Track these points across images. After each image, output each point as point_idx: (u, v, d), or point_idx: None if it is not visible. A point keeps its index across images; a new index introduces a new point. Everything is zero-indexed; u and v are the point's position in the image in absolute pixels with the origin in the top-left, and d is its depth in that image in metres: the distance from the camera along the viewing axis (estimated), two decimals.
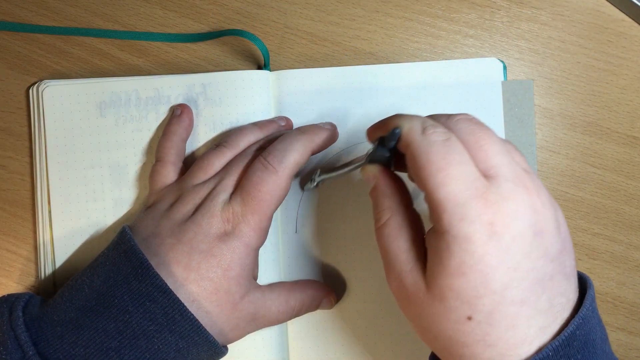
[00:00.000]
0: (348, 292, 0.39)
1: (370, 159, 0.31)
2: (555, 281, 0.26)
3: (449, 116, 0.28)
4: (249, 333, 0.35)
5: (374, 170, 0.30)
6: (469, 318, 0.25)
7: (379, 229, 0.29)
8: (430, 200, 0.26)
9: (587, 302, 0.26)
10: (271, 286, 0.36)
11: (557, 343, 0.24)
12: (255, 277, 0.36)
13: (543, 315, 0.25)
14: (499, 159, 0.26)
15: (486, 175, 0.26)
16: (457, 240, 0.25)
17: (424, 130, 0.27)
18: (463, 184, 0.25)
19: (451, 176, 0.25)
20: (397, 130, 0.28)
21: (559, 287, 0.26)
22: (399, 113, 0.29)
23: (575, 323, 0.25)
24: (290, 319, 0.36)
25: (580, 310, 0.26)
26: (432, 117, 0.29)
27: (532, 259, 0.25)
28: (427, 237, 0.27)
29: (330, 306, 0.38)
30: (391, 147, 0.29)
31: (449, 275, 0.25)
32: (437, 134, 0.27)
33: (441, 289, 0.26)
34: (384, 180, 0.30)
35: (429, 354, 0.29)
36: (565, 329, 0.25)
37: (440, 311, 0.26)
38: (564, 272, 0.26)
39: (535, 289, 0.25)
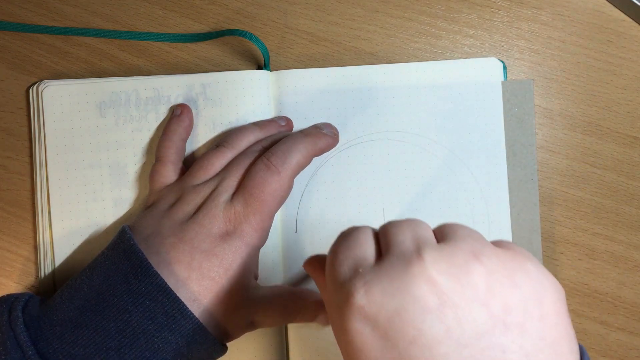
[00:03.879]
0: None
1: None
2: None
3: None
4: (246, 332, 0.35)
5: (308, 264, 0.31)
6: None
7: None
8: (327, 291, 0.25)
9: None
10: (272, 289, 0.36)
11: None
12: (256, 277, 0.36)
13: None
14: (399, 235, 0.23)
15: (382, 255, 0.23)
16: (339, 330, 0.22)
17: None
18: (347, 267, 0.23)
19: (338, 262, 0.24)
20: None
21: None
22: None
23: None
24: (286, 323, 0.36)
25: None
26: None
27: (424, 344, 0.20)
28: None
29: (327, 322, 0.37)
30: None
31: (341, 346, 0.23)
32: (346, 229, 0.26)
33: None
34: (309, 268, 0.31)
35: None
36: None
37: None
38: (501, 358, 0.20)
39: None
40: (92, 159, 0.40)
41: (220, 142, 0.37)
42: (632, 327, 0.40)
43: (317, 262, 0.30)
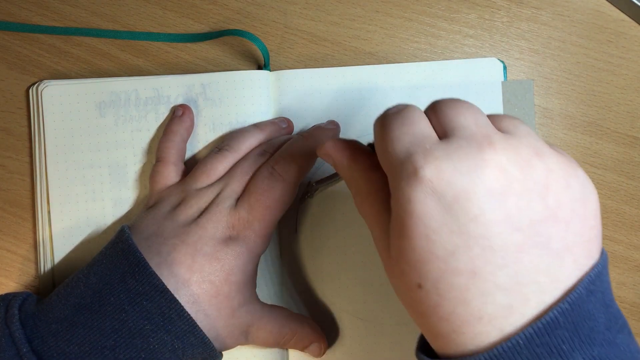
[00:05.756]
0: (348, 292, 0.39)
1: None
2: (526, 254, 0.22)
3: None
4: (239, 344, 0.34)
5: (324, 146, 0.29)
6: (419, 286, 0.23)
7: (354, 199, 0.28)
8: (381, 165, 0.25)
9: (580, 285, 0.22)
10: (271, 306, 0.36)
11: (531, 330, 0.21)
12: (254, 285, 0.36)
13: (504, 292, 0.22)
14: (462, 119, 0.24)
15: (444, 136, 0.24)
16: (400, 200, 0.23)
17: (385, 110, 0.26)
18: (408, 142, 0.24)
19: (395, 137, 0.24)
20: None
21: (531, 262, 0.22)
22: None
23: (560, 309, 0.22)
24: (277, 346, 0.35)
25: (569, 294, 0.22)
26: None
27: (484, 222, 0.22)
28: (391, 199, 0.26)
29: (319, 353, 0.36)
30: (370, 143, 0.29)
31: (396, 237, 0.24)
32: (393, 108, 0.26)
33: (394, 251, 0.24)
34: (337, 153, 0.29)
35: None
36: (546, 314, 0.22)
37: (398, 275, 0.24)
38: (545, 245, 0.22)
39: (490, 259, 0.22)
40: (91, 159, 0.40)
41: (221, 145, 0.37)
42: (632, 327, 0.39)
43: (343, 145, 0.29)
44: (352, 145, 0.29)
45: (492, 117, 0.25)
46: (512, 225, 0.22)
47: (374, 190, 0.27)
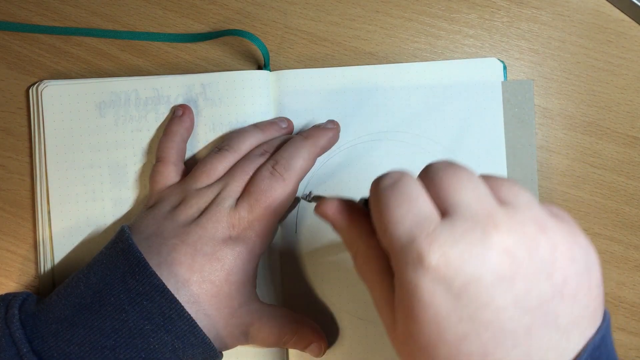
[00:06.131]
0: (348, 292, 0.39)
1: None
2: (536, 334, 0.22)
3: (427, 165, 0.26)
4: (239, 345, 0.34)
5: (323, 207, 0.28)
6: None
7: (353, 261, 0.28)
8: (381, 242, 0.24)
9: (585, 352, 0.22)
10: (271, 306, 0.36)
11: None
12: (254, 285, 0.36)
13: None
14: (462, 194, 0.23)
15: (445, 214, 0.23)
16: (405, 285, 0.22)
17: (377, 181, 0.25)
18: (409, 224, 0.23)
19: (395, 218, 0.23)
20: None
21: (540, 341, 0.22)
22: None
23: None
24: (277, 346, 0.35)
25: None
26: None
27: (494, 309, 0.21)
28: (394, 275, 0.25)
29: (319, 353, 0.36)
30: (365, 198, 0.28)
31: (404, 319, 0.23)
32: (387, 178, 0.25)
33: (402, 330, 0.24)
34: (336, 216, 0.28)
35: None
36: None
37: (405, 352, 0.24)
38: (553, 323, 0.22)
39: (501, 342, 0.22)
40: (91, 159, 0.40)
41: (221, 145, 0.37)
42: (632, 327, 0.40)
43: (341, 207, 0.28)
44: (351, 207, 0.28)
45: (491, 184, 0.24)
46: (521, 308, 0.22)
47: (374, 256, 0.26)
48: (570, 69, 0.41)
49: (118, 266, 0.32)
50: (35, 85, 0.40)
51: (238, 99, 0.40)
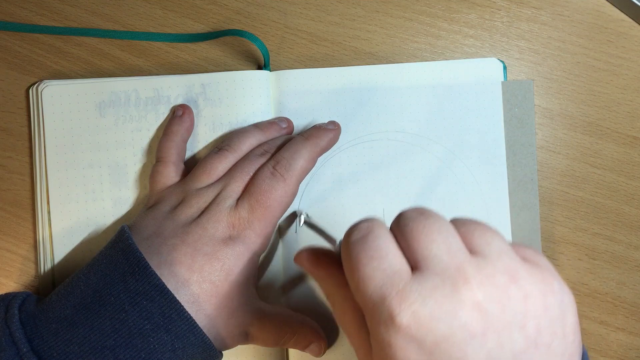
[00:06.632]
0: None
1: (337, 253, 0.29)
2: None
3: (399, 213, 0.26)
4: (239, 344, 0.34)
5: (299, 257, 0.28)
6: None
7: (332, 310, 0.28)
8: (354, 297, 0.24)
9: None
10: (271, 306, 0.36)
11: None
12: (255, 285, 0.36)
13: None
14: (432, 247, 0.23)
15: (415, 267, 0.23)
16: (379, 342, 0.22)
17: (348, 232, 0.25)
18: (379, 281, 0.22)
19: (366, 274, 0.23)
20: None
21: None
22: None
23: None
24: (277, 346, 0.35)
25: None
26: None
27: None
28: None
29: (319, 353, 0.36)
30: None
31: None
32: (357, 231, 0.25)
33: None
34: (312, 266, 0.28)
35: None
36: None
37: None
38: None
39: None
40: (91, 159, 0.40)
41: (221, 145, 0.37)
42: (632, 327, 0.40)
43: (317, 258, 0.28)
44: (327, 258, 0.28)
45: (463, 232, 0.24)
46: None
47: (351, 308, 0.26)
48: (570, 69, 0.41)
49: (118, 266, 0.32)
50: (35, 85, 0.40)
51: (238, 99, 0.40)
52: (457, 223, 0.25)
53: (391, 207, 0.40)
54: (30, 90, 0.41)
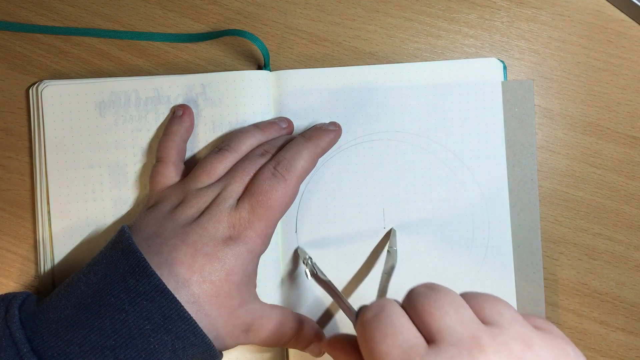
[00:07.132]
0: (348, 291, 0.39)
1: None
2: None
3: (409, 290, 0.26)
4: (239, 344, 0.34)
5: (322, 345, 0.29)
6: None
7: None
8: None
9: None
10: (272, 305, 0.35)
11: None
12: (255, 285, 0.36)
13: None
14: (445, 319, 0.23)
15: (430, 341, 0.23)
16: None
17: (361, 313, 0.25)
18: (395, 357, 0.23)
19: (382, 352, 0.23)
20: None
21: None
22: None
23: None
24: (277, 346, 0.35)
25: None
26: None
27: None
28: None
29: (319, 353, 0.37)
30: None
31: None
32: (370, 310, 0.25)
33: None
34: (334, 351, 0.29)
35: None
36: None
37: None
38: None
39: None
40: (91, 159, 0.40)
41: (221, 145, 0.37)
42: (632, 327, 0.40)
43: (341, 344, 0.29)
44: (346, 342, 0.28)
45: (473, 304, 0.25)
46: None
47: None
48: (570, 69, 0.41)
49: (118, 266, 0.32)
50: (35, 85, 0.40)
51: (238, 99, 0.40)
52: (466, 296, 0.25)
53: (391, 207, 0.40)
54: (30, 90, 0.41)
